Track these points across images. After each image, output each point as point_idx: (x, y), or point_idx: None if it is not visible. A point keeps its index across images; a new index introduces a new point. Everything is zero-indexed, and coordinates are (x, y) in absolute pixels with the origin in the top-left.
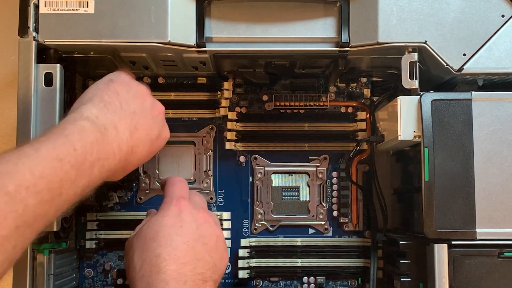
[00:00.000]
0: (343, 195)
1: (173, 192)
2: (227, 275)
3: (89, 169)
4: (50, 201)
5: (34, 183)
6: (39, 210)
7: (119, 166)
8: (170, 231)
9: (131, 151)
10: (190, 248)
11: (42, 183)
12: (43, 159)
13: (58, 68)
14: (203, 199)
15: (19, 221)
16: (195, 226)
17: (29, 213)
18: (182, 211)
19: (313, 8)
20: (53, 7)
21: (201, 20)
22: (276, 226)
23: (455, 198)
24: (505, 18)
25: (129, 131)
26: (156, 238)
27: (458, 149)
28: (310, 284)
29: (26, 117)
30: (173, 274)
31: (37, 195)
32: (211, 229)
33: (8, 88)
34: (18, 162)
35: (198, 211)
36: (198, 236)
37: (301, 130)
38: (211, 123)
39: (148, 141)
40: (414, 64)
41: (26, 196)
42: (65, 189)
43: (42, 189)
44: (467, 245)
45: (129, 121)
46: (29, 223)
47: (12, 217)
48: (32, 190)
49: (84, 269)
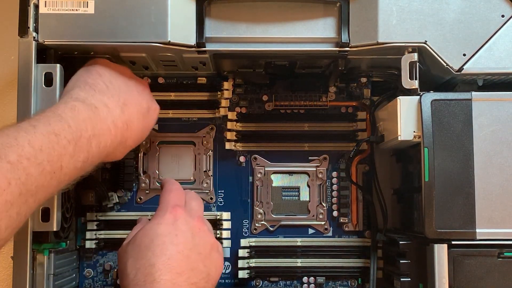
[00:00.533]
0: (343, 195)
1: (169, 200)
2: (227, 275)
3: (87, 145)
4: (51, 173)
5: (34, 155)
6: (41, 180)
7: (116, 142)
8: (165, 240)
9: (126, 126)
10: (185, 258)
11: (42, 155)
12: (40, 134)
13: (58, 68)
14: (200, 204)
15: (22, 189)
16: (190, 235)
17: (31, 182)
18: (177, 219)
19: (313, 8)
20: (53, 7)
21: (201, 20)
22: (276, 226)
23: (455, 198)
24: (505, 18)
25: (119, 107)
26: (150, 246)
27: (458, 149)
28: (310, 284)
29: (26, 117)
30: (167, 284)
31: (38, 166)
32: (206, 238)
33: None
34: (18, 136)
35: (193, 220)
36: (193, 245)
37: (301, 130)
38: (211, 123)
39: (140, 114)
40: (414, 64)
41: (28, 166)
42: (65, 163)
43: (43, 161)
44: (467, 245)
45: (117, 98)
46: (32, 192)
47: (16, 184)
48: (33, 161)
49: (84, 269)
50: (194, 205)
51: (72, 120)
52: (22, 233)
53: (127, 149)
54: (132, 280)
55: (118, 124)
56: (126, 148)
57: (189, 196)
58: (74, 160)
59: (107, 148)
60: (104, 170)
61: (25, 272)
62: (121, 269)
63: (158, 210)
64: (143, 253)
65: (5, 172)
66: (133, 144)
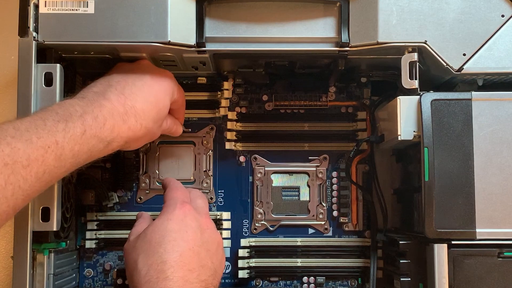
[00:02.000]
0: (343, 195)
1: (176, 196)
2: (227, 275)
3: (80, 120)
4: (45, 147)
5: (20, 134)
6: (32, 153)
7: (118, 113)
8: (176, 236)
9: (124, 97)
10: (195, 255)
11: (29, 134)
12: (27, 121)
13: (58, 68)
14: (205, 202)
15: (7, 160)
16: (199, 232)
17: (19, 154)
18: (186, 215)
19: (313, 8)
20: (53, 7)
21: (201, 20)
22: (276, 226)
23: (455, 198)
24: (505, 18)
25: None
26: (162, 243)
27: (458, 149)
28: (310, 284)
29: None
30: (179, 282)
31: (25, 142)
32: (213, 235)
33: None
34: (3, 125)
35: (201, 217)
36: (202, 242)
37: (301, 130)
38: (211, 123)
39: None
40: (414, 64)
41: (13, 141)
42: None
43: (31, 137)
44: (467, 245)
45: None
46: (24, 164)
47: None
48: (18, 138)
49: (84, 269)
50: (200, 203)
51: (59, 108)
52: (22, 233)
53: (143, 123)
54: (144, 276)
55: (112, 98)
56: (141, 121)
57: (194, 194)
58: (71, 134)
59: (108, 121)
60: (104, 170)
61: (25, 272)
62: (131, 265)
63: (166, 206)
64: (155, 249)
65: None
66: (147, 116)
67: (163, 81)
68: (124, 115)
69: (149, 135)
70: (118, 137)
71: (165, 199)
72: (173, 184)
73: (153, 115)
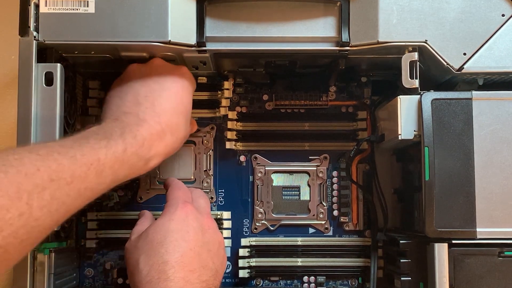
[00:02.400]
0: (343, 194)
1: (178, 196)
2: (228, 274)
3: (121, 137)
4: (88, 164)
5: (65, 151)
6: (76, 170)
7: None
8: (177, 237)
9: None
10: (196, 255)
11: (73, 151)
12: (70, 140)
13: (58, 67)
14: (207, 202)
15: (53, 176)
16: (201, 232)
17: (64, 170)
18: (188, 215)
19: (313, 7)
20: (53, 7)
21: (201, 20)
22: (277, 226)
23: (456, 197)
24: (505, 18)
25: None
26: (164, 243)
27: (458, 149)
28: (310, 283)
29: (26, 117)
30: (180, 282)
31: (70, 158)
32: (215, 235)
33: (8, 88)
34: (48, 143)
35: (203, 217)
36: (203, 243)
37: (302, 130)
38: (212, 123)
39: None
40: (414, 64)
41: (59, 158)
42: (102, 155)
43: (75, 154)
44: (468, 244)
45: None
46: (67, 181)
47: (45, 171)
48: (64, 154)
49: (85, 268)
50: (201, 203)
51: (97, 129)
52: None
53: (179, 136)
54: (145, 276)
55: (147, 118)
56: (176, 135)
57: (196, 194)
58: (113, 151)
59: (146, 140)
60: None
61: (26, 272)
62: (132, 265)
63: (167, 206)
64: (156, 250)
65: (34, 161)
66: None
67: (184, 82)
68: (161, 133)
69: (183, 141)
70: (156, 155)
71: (167, 198)
72: (175, 184)
73: (185, 123)
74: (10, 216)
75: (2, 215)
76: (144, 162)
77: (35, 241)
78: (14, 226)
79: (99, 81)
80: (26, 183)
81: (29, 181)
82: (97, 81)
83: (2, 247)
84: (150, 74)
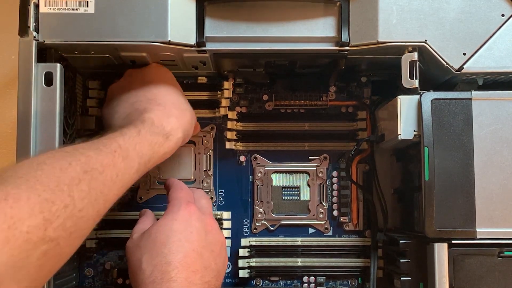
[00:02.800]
0: (343, 194)
1: (181, 197)
2: (228, 274)
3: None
4: (112, 152)
5: (88, 145)
6: (104, 160)
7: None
8: (181, 237)
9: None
10: (199, 256)
11: (96, 144)
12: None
13: (58, 67)
14: (209, 203)
15: (85, 167)
16: (204, 233)
17: (93, 161)
18: (191, 215)
19: (313, 7)
20: (53, 7)
21: (201, 20)
22: (276, 226)
23: (455, 197)
24: (505, 18)
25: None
26: (167, 243)
27: (458, 149)
28: (310, 283)
29: (26, 117)
30: (183, 283)
31: (96, 149)
32: (217, 236)
33: (8, 88)
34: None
35: (206, 217)
36: (206, 244)
37: (301, 130)
38: (211, 123)
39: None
40: (414, 64)
41: (85, 151)
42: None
43: (99, 146)
44: (467, 244)
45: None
46: (99, 170)
47: (77, 164)
48: (88, 148)
49: (84, 268)
50: (204, 203)
51: (109, 131)
52: None
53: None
54: (148, 277)
55: (151, 107)
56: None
57: (198, 194)
58: (129, 136)
59: (155, 120)
60: None
61: None
62: (134, 264)
63: (170, 206)
64: (159, 250)
65: (64, 157)
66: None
67: (168, 73)
68: (166, 110)
69: (193, 117)
70: (172, 129)
71: (170, 199)
72: (177, 184)
73: (186, 101)
74: (56, 208)
75: (48, 208)
76: (162, 137)
77: (83, 233)
78: (61, 218)
79: (99, 81)
80: (63, 176)
81: (65, 175)
82: (97, 81)
83: (54, 240)
84: (144, 77)
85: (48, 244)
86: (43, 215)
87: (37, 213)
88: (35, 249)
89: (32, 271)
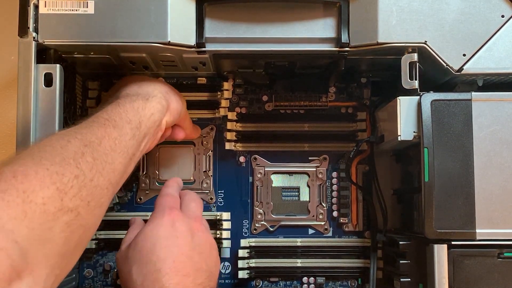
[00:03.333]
0: (343, 195)
1: (164, 203)
2: (227, 275)
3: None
4: (105, 120)
5: (86, 124)
6: (99, 133)
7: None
8: (168, 243)
9: None
10: (189, 259)
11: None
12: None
13: (58, 68)
14: (199, 205)
15: (84, 140)
16: (190, 236)
17: (89, 135)
18: (175, 221)
19: (313, 8)
20: (53, 8)
21: (201, 21)
22: (276, 227)
23: (455, 198)
24: (505, 19)
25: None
26: (154, 250)
27: (458, 150)
28: (310, 284)
29: (26, 117)
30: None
31: (89, 126)
32: (205, 237)
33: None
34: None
35: (190, 220)
36: (194, 246)
37: (301, 130)
38: (211, 124)
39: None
40: (414, 65)
41: (80, 131)
42: (114, 115)
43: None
44: (467, 245)
45: None
46: (95, 143)
47: (75, 140)
48: (84, 125)
49: (84, 269)
50: (192, 206)
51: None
52: None
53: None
54: (139, 286)
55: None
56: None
57: (189, 197)
58: (113, 107)
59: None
60: None
61: None
62: (125, 276)
63: (154, 213)
64: (147, 258)
65: (61, 138)
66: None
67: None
68: (139, 84)
69: (184, 113)
70: (148, 92)
71: (154, 205)
72: (164, 190)
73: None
74: (68, 179)
75: (59, 179)
76: (142, 100)
77: (101, 202)
78: (75, 188)
79: (98, 82)
80: (66, 152)
81: (67, 151)
82: (96, 82)
83: (73, 210)
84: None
85: (68, 215)
86: (56, 186)
87: (49, 184)
88: (56, 220)
89: (59, 245)
